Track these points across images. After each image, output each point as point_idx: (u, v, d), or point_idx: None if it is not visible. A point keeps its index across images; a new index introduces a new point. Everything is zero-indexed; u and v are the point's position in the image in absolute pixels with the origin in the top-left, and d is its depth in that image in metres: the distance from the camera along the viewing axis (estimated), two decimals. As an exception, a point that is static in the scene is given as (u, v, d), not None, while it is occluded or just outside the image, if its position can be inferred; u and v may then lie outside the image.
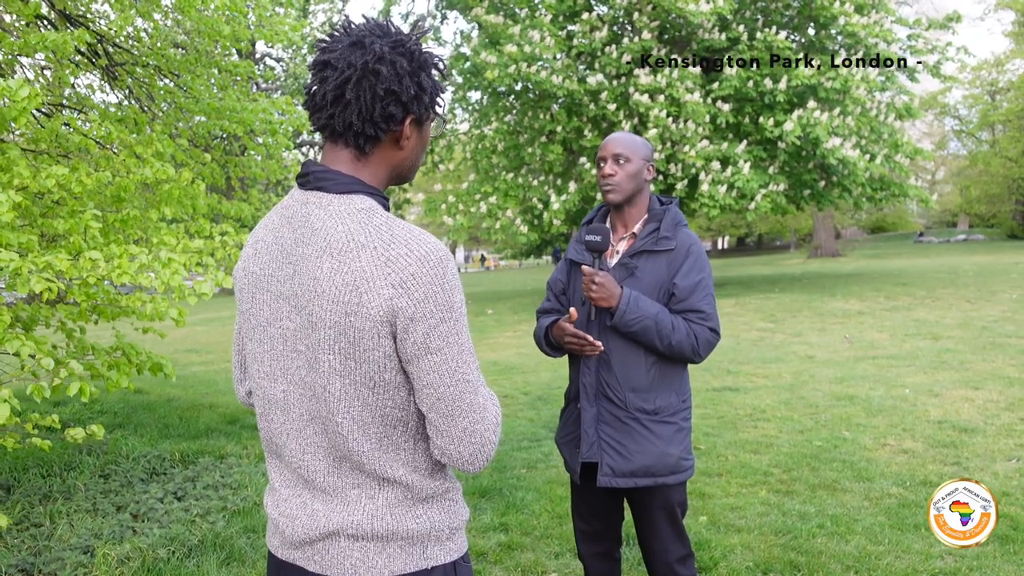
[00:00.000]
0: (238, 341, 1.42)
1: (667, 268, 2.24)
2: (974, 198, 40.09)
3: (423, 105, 1.23)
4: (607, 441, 2.24)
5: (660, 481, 2.24)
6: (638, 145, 2.30)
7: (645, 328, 2.16)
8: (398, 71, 1.18)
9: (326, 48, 1.19)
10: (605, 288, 2.16)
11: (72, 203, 3.54)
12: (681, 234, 2.27)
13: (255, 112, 4.73)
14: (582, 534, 2.47)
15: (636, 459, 2.21)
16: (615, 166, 2.27)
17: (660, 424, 2.23)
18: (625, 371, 2.22)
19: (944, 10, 28.06)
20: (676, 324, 2.18)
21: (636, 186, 2.29)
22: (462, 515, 1.32)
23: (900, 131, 15.36)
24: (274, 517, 1.32)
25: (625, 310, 2.15)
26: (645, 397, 2.23)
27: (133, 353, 3.44)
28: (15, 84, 2.64)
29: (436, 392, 1.17)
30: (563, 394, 2.49)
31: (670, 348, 2.18)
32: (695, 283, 2.22)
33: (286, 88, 25.42)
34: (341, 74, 1.16)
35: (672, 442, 2.24)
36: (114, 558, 3.19)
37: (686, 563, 2.36)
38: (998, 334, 8.88)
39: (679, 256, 2.24)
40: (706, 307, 2.22)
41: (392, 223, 1.17)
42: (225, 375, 8.71)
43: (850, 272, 19.67)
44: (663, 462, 2.22)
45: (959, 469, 4.31)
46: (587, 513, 2.44)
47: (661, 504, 2.30)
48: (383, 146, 1.24)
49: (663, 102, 13.35)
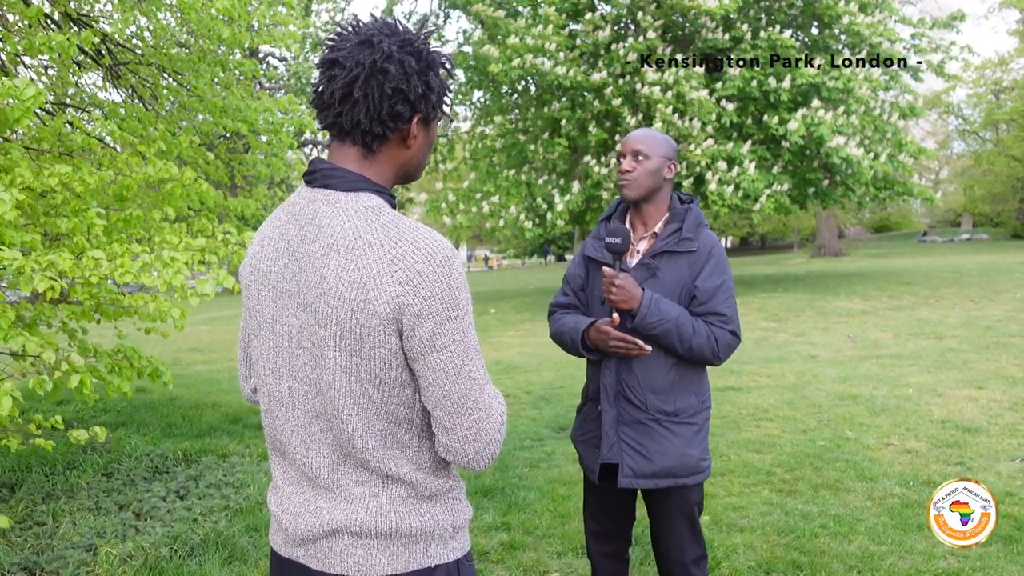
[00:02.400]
0: (244, 338, 1.42)
1: (689, 269, 2.21)
2: (978, 197, 40.00)
3: (430, 104, 1.23)
4: (628, 443, 2.23)
5: (680, 482, 2.23)
6: (659, 142, 2.27)
7: (666, 331, 2.14)
8: (406, 70, 1.18)
9: (334, 46, 1.20)
10: (626, 290, 2.14)
11: (75, 202, 3.55)
12: (703, 235, 2.25)
13: (259, 111, 4.73)
14: (594, 534, 2.46)
15: (657, 460, 2.20)
16: (633, 162, 2.24)
17: (680, 425, 2.22)
18: (646, 373, 2.21)
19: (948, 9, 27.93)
20: (697, 327, 2.16)
21: (654, 183, 2.26)
22: (466, 514, 1.32)
23: (904, 130, 15.32)
24: (277, 514, 1.32)
25: (646, 313, 2.13)
26: (665, 399, 2.21)
27: (135, 357, 3.44)
28: (21, 84, 2.64)
29: (442, 390, 1.17)
30: (579, 393, 2.47)
31: (690, 351, 2.17)
32: (716, 285, 2.19)
33: (289, 87, 25.42)
34: (349, 72, 1.17)
35: (692, 443, 2.23)
36: (117, 556, 3.19)
37: (700, 564, 2.34)
38: (1002, 334, 8.85)
39: (701, 258, 2.21)
40: (727, 310, 2.20)
41: (399, 221, 1.18)
42: (227, 374, 8.72)
43: (853, 271, 19.64)
44: (683, 463, 2.21)
45: (963, 469, 4.30)
46: (600, 514, 2.43)
47: (680, 505, 2.29)
48: (390, 145, 1.24)
49: (669, 98, 13.33)
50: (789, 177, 14.36)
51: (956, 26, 15.98)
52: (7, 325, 2.74)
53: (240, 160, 5.40)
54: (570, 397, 6.63)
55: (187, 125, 5.07)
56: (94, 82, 5.15)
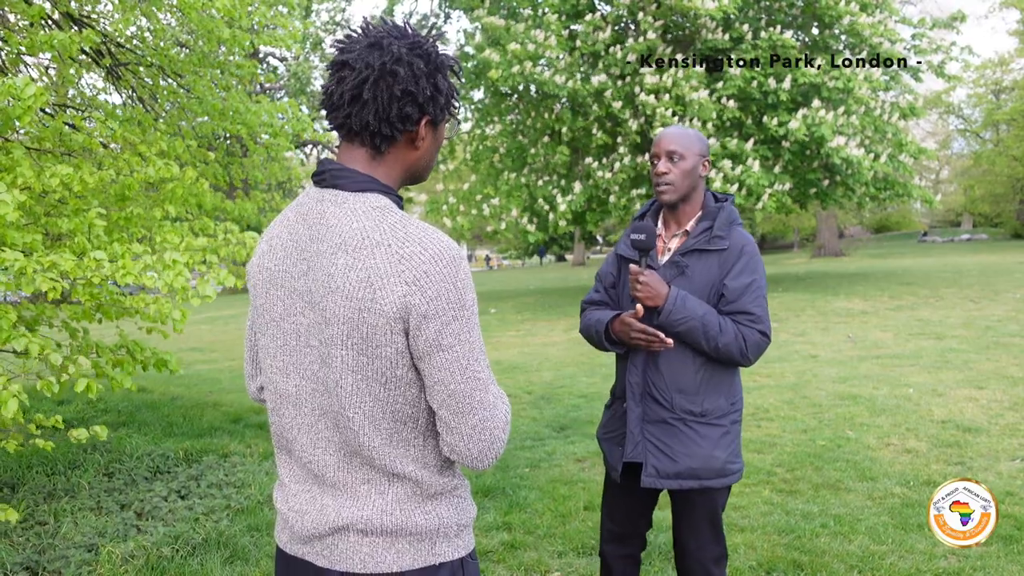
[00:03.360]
0: (251, 336, 1.43)
1: (719, 268, 2.18)
2: (978, 197, 39.99)
3: (439, 106, 1.25)
4: (652, 442, 2.20)
5: (705, 484, 2.19)
6: (693, 140, 2.21)
7: (691, 329, 2.11)
8: (415, 72, 1.19)
9: (344, 48, 1.21)
10: (650, 287, 2.12)
11: (75, 202, 3.55)
12: (735, 233, 2.21)
13: (258, 114, 4.73)
14: (610, 534, 2.44)
15: (682, 461, 2.17)
16: (669, 164, 2.19)
17: (706, 426, 2.19)
18: (672, 372, 2.18)
19: (948, 9, 27.94)
20: (724, 326, 2.13)
21: (692, 183, 2.21)
22: (470, 512, 1.33)
23: (904, 130, 15.33)
24: (283, 512, 1.33)
25: (672, 310, 2.11)
26: (692, 399, 2.18)
27: (138, 350, 3.45)
28: (21, 83, 2.64)
29: (447, 389, 1.18)
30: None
31: (717, 350, 2.13)
32: (746, 284, 2.16)
33: (289, 88, 25.43)
34: (359, 74, 1.18)
35: (719, 445, 2.19)
36: (119, 556, 3.20)
37: (720, 563, 2.31)
38: (1002, 334, 8.86)
39: (732, 256, 2.18)
40: (756, 309, 2.16)
41: (406, 221, 1.19)
42: (229, 373, 8.73)
43: (854, 272, 19.64)
44: (709, 465, 2.18)
45: (963, 469, 4.30)
46: (619, 514, 2.40)
47: (704, 505, 2.26)
48: (399, 146, 1.25)
49: (668, 101, 13.34)
50: (790, 177, 14.36)
51: (956, 26, 15.99)
52: (8, 326, 2.75)
53: (238, 163, 5.40)
54: (570, 397, 6.64)
55: (186, 126, 5.07)
56: (94, 83, 5.16)
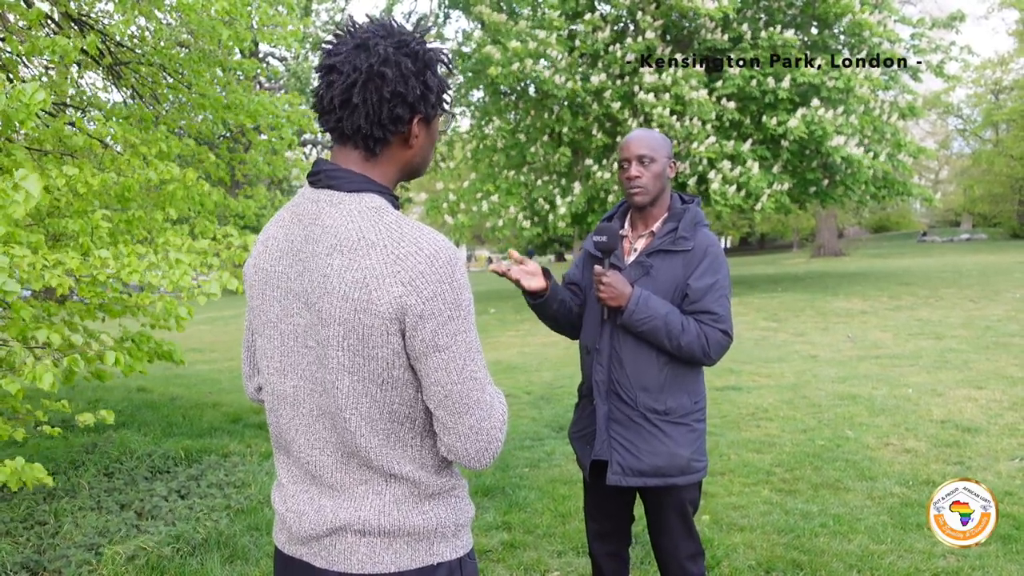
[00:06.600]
0: (248, 337, 1.43)
1: (683, 268, 2.21)
2: (977, 197, 39.94)
3: (430, 104, 1.24)
4: (617, 439, 2.23)
5: (670, 481, 2.23)
6: (660, 143, 2.27)
7: (654, 328, 2.15)
8: (403, 72, 1.19)
9: (331, 51, 1.20)
10: (614, 287, 2.15)
11: (78, 203, 3.56)
12: (700, 234, 2.24)
13: (263, 104, 4.74)
14: (594, 533, 2.47)
15: (646, 459, 2.20)
16: (640, 167, 2.24)
17: (671, 425, 2.22)
18: (637, 370, 2.21)
19: (948, 9, 27.98)
20: (686, 325, 2.17)
21: (661, 185, 2.27)
22: (468, 512, 1.33)
23: (903, 130, 15.33)
24: (281, 513, 1.33)
25: (634, 310, 2.14)
26: (656, 397, 2.21)
27: (144, 341, 3.47)
28: (30, 88, 2.64)
29: (444, 389, 1.18)
30: (576, 389, 2.49)
31: (679, 349, 2.17)
32: (709, 285, 2.19)
33: (289, 87, 25.40)
34: (347, 78, 1.17)
35: (683, 443, 2.22)
36: (121, 556, 3.20)
37: (696, 560, 2.35)
38: (1001, 333, 8.86)
39: (696, 257, 2.21)
40: (719, 309, 2.19)
41: (402, 221, 1.19)
42: (229, 374, 8.73)
43: (853, 271, 19.64)
44: (673, 463, 2.21)
45: (962, 469, 4.31)
46: (598, 512, 2.44)
47: (672, 503, 2.30)
48: (392, 146, 1.25)
49: (668, 100, 13.33)
50: (789, 177, 14.37)
51: (956, 26, 16.00)
52: (28, 317, 2.78)
53: (241, 159, 5.41)
54: (570, 397, 6.64)
55: (186, 124, 5.08)
56: (94, 82, 5.17)
